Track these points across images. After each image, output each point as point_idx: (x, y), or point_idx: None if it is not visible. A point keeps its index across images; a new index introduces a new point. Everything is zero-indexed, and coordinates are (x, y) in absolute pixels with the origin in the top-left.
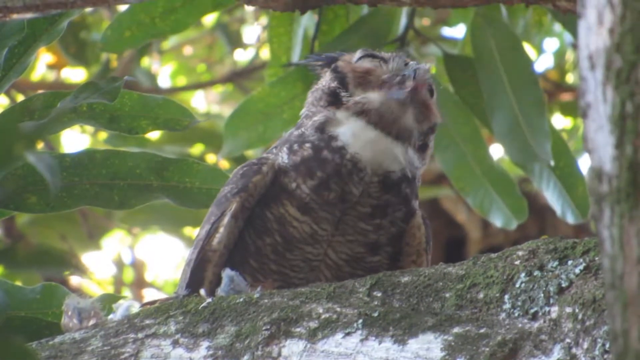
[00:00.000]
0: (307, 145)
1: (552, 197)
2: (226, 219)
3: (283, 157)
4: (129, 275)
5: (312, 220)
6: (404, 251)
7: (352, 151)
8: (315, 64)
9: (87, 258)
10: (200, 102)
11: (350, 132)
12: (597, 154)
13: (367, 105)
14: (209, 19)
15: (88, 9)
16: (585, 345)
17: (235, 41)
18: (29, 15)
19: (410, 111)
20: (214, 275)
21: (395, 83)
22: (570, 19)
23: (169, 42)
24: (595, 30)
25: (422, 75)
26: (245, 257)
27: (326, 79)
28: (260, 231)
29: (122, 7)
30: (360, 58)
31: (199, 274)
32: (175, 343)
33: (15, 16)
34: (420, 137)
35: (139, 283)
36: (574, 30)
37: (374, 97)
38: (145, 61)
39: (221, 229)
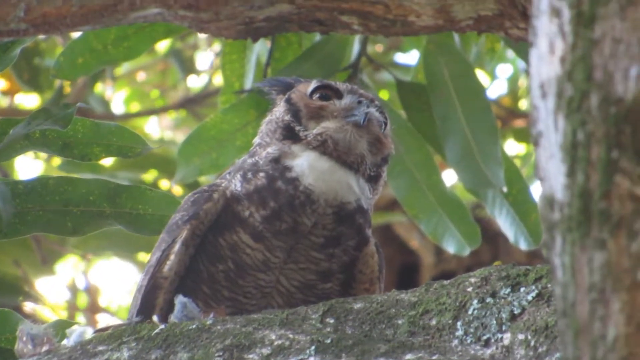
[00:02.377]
0: (261, 174)
1: (505, 223)
2: (177, 246)
3: (236, 185)
4: (82, 300)
5: (264, 248)
6: (357, 279)
7: (305, 183)
8: (270, 89)
9: (41, 283)
10: (154, 128)
11: (306, 163)
12: (548, 182)
13: (324, 135)
14: (163, 45)
15: (41, 36)
16: None
17: (189, 67)
18: None
19: (364, 138)
20: (164, 301)
21: (349, 116)
22: (522, 46)
23: (123, 68)
24: (547, 59)
25: (374, 114)
26: (197, 283)
27: (280, 110)
28: (212, 258)
29: (75, 34)
30: (314, 89)
31: (150, 300)
32: None
33: None
34: (373, 168)
35: (93, 308)
36: (526, 57)
37: (329, 125)
38: (99, 87)
39: (172, 256)
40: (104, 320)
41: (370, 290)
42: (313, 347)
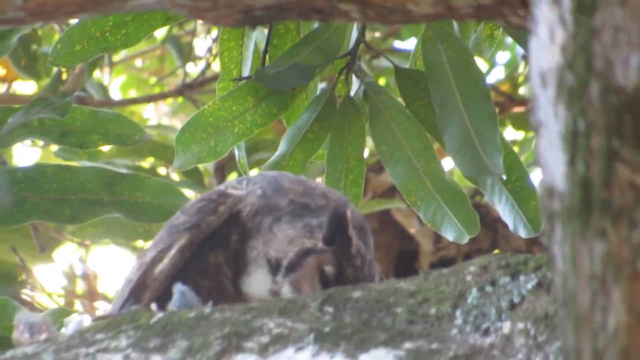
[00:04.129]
0: None
1: (504, 211)
2: (172, 252)
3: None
4: (80, 287)
5: None
6: None
7: None
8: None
9: (39, 271)
10: (152, 114)
11: None
12: (548, 172)
13: None
14: (160, 32)
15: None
16: None
17: (187, 54)
18: None
19: None
20: (150, 300)
21: None
22: (521, 34)
23: (120, 54)
24: (547, 48)
25: None
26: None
27: None
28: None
29: (73, 21)
30: None
31: (137, 296)
32: (127, 358)
33: None
34: None
35: (91, 295)
36: (525, 45)
37: None
38: (97, 73)
39: (166, 260)
40: (102, 308)
41: None
42: (312, 336)
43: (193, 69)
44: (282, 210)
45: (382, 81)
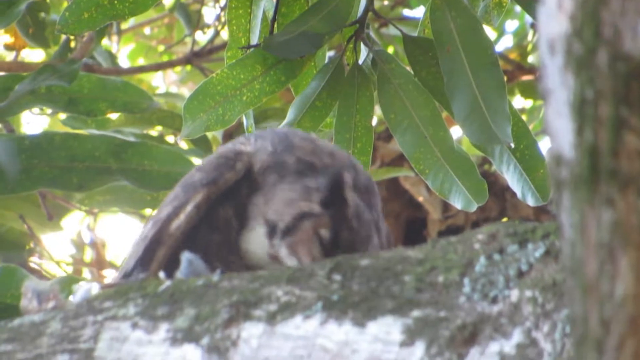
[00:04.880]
0: None
1: (512, 179)
2: (189, 208)
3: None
4: (88, 255)
5: None
6: None
7: None
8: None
9: (47, 239)
10: (160, 82)
11: None
12: (557, 140)
13: None
14: (168, 0)
15: None
16: (546, 329)
17: (195, 22)
18: None
19: None
20: (164, 257)
21: None
22: (530, 2)
23: (129, 22)
24: (555, 16)
25: None
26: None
27: None
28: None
29: None
30: None
31: (151, 253)
32: (135, 325)
33: None
34: None
35: (99, 263)
36: (534, 13)
37: None
38: (105, 41)
39: (182, 216)
40: (110, 276)
41: None
42: (320, 304)
43: (201, 37)
44: (287, 169)
45: (390, 49)
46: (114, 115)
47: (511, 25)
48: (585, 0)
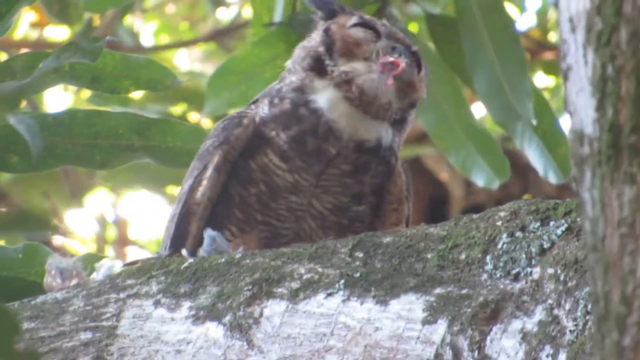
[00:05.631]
0: (287, 100)
1: (534, 156)
2: (209, 172)
3: (264, 109)
4: (111, 233)
5: (292, 169)
6: (385, 199)
7: (329, 117)
8: (316, 9)
9: (70, 216)
10: (183, 60)
11: (327, 101)
12: (578, 117)
13: (351, 76)
14: None
15: None
16: (567, 307)
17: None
18: None
19: (390, 92)
20: (198, 229)
21: (380, 63)
22: None
23: (152, 0)
24: None
25: (408, 58)
26: (230, 208)
27: (315, 39)
28: (244, 181)
29: None
30: (354, 25)
31: (184, 228)
32: (157, 303)
33: None
34: (399, 112)
35: (122, 241)
36: None
37: (359, 68)
38: (128, 19)
39: (204, 182)
40: (133, 254)
41: (398, 210)
42: (342, 281)
43: (224, 15)
44: None
45: (413, 27)
46: (137, 93)
47: (534, 3)
48: None
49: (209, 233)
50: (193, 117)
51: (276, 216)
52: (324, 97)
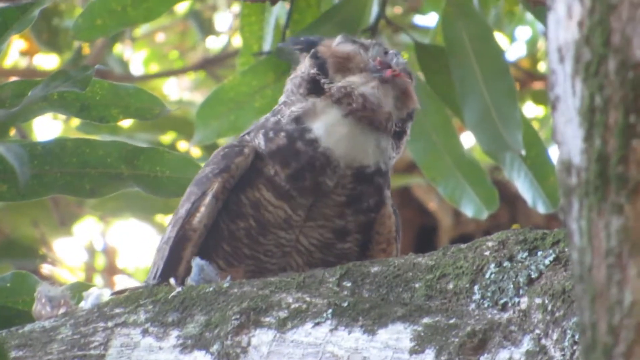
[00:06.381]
0: (282, 134)
1: (523, 187)
2: (207, 199)
3: (260, 143)
4: (100, 261)
5: (288, 206)
6: (373, 239)
7: (325, 145)
8: (294, 47)
9: (59, 244)
10: (173, 89)
11: (325, 126)
12: (566, 147)
13: (350, 88)
14: (182, 6)
15: None
16: (555, 336)
17: (208, 29)
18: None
19: (391, 94)
20: (191, 255)
21: (376, 69)
22: (541, 9)
23: (142, 29)
24: (564, 23)
25: (402, 63)
26: (218, 241)
27: (305, 65)
28: (234, 215)
29: None
30: (340, 44)
31: (177, 253)
32: (145, 332)
33: None
34: (398, 124)
35: (111, 270)
36: (545, 21)
37: (356, 79)
38: (118, 47)
39: (202, 209)
40: (121, 282)
41: (387, 250)
42: (330, 311)
43: (214, 44)
44: None
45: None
46: (126, 122)
47: (524, 33)
48: (594, 8)
49: (197, 262)
50: (182, 145)
51: (264, 251)
52: (322, 122)
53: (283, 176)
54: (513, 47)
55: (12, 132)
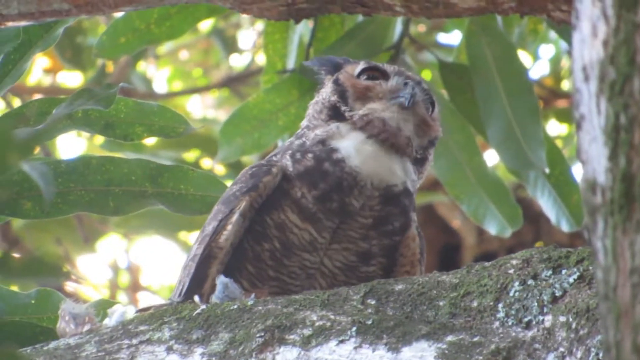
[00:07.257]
0: (310, 155)
1: (546, 205)
2: (235, 217)
3: (287, 164)
4: (124, 279)
5: (313, 228)
6: (398, 262)
7: (352, 164)
8: (319, 68)
9: (83, 262)
10: (196, 106)
11: (352, 145)
12: (590, 166)
13: (371, 116)
14: (205, 24)
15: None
16: (579, 355)
17: (231, 46)
18: (24, 23)
19: (410, 121)
20: (217, 272)
21: (394, 97)
22: (565, 28)
23: (165, 47)
24: (589, 42)
25: (420, 96)
26: (242, 262)
27: (327, 91)
28: (258, 236)
29: (118, 13)
30: (362, 71)
31: (204, 269)
32: (170, 349)
33: (10, 24)
34: (419, 151)
35: (134, 287)
36: (569, 39)
37: (376, 106)
38: (142, 65)
39: (229, 227)
40: (145, 300)
41: (411, 272)
42: (354, 328)
43: (237, 62)
44: None
45: (426, 74)
46: (150, 140)
47: (548, 52)
48: (618, 27)
49: (221, 279)
50: (206, 163)
51: (288, 273)
52: (348, 141)
53: (310, 197)
54: (536, 65)
55: (37, 150)
